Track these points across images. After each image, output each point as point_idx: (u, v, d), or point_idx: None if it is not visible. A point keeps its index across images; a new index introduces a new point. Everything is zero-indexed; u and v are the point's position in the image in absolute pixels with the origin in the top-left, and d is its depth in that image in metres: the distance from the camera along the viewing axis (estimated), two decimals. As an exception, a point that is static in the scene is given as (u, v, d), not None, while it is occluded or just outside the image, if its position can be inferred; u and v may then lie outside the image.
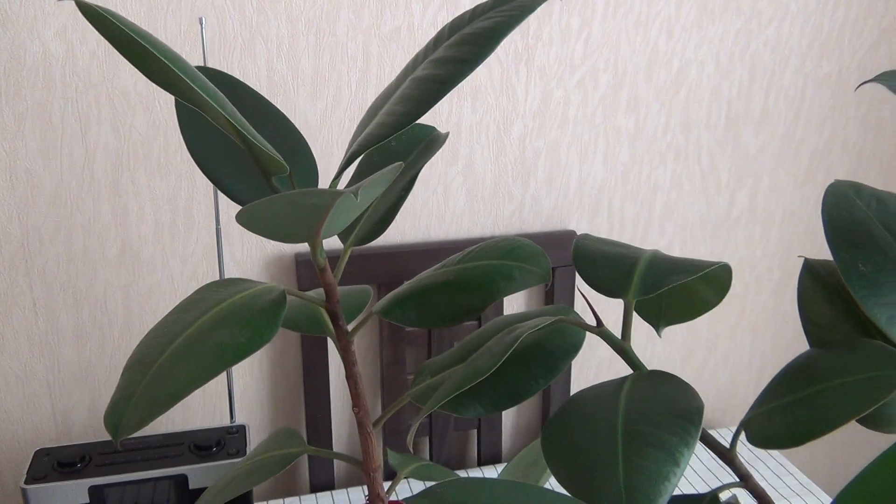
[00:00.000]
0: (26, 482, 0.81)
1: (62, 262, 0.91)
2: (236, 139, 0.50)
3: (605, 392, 0.41)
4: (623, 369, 1.16)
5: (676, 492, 1.00)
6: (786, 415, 0.40)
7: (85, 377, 0.96)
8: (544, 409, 1.12)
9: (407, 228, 1.01)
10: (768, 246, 1.16)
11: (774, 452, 1.12)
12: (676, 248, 1.12)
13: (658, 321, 0.56)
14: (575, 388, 1.15)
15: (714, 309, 1.17)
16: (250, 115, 0.59)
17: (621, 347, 0.46)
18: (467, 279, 0.54)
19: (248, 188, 0.57)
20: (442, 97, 0.51)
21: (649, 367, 1.18)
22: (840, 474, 1.37)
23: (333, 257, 0.98)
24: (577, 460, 0.37)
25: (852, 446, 1.36)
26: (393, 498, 0.95)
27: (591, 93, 1.01)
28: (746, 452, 1.11)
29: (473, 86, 0.97)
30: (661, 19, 1.00)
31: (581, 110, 1.01)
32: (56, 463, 0.83)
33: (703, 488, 1.03)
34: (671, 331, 1.17)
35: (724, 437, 1.13)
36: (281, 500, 1.00)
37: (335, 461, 1.07)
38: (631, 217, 1.08)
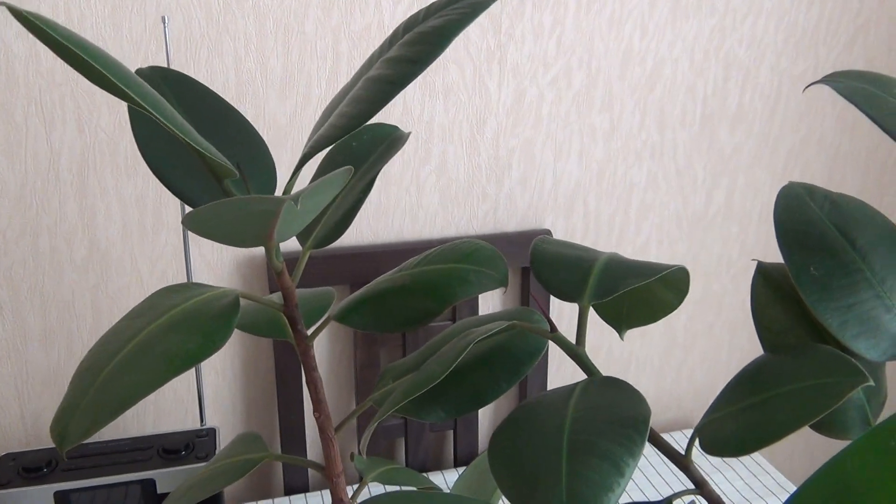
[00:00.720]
0: (-10, 488, 0.80)
1: (29, 265, 0.90)
2: (183, 143, 0.49)
3: (554, 399, 0.41)
4: (599, 368, 1.16)
5: (637, 498, 1.00)
6: (737, 421, 0.39)
7: (54, 380, 0.95)
8: (521, 410, 1.11)
9: (380, 228, 1.00)
10: (745, 244, 1.16)
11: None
12: (653, 246, 1.11)
13: (619, 324, 0.55)
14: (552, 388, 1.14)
15: (692, 308, 1.17)
16: (204, 116, 0.58)
17: (575, 353, 0.45)
18: (423, 283, 0.53)
19: (201, 191, 0.56)
20: (393, 97, 0.50)
21: (626, 368, 1.17)
22: (820, 472, 1.37)
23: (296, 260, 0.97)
24: (521, 470, 0.36)
25: (832, 445, 1.36)
26: (363, 499, 0.94)
27: (565, 91, 1.00)
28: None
29: (446, 84, 0.96)
30: (635, 17, 0.99)
31: (555, 109, 1.01)
32: (21, 468, 0.82)
33: (666, 493, 1.02)
34: (648, 331, 1.16)
35: (701, 436, 1.13)
36: (254, 503, 0.99)
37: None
38: (607, 216, 1.08)
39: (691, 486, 0.44)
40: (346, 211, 0.60)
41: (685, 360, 1.20)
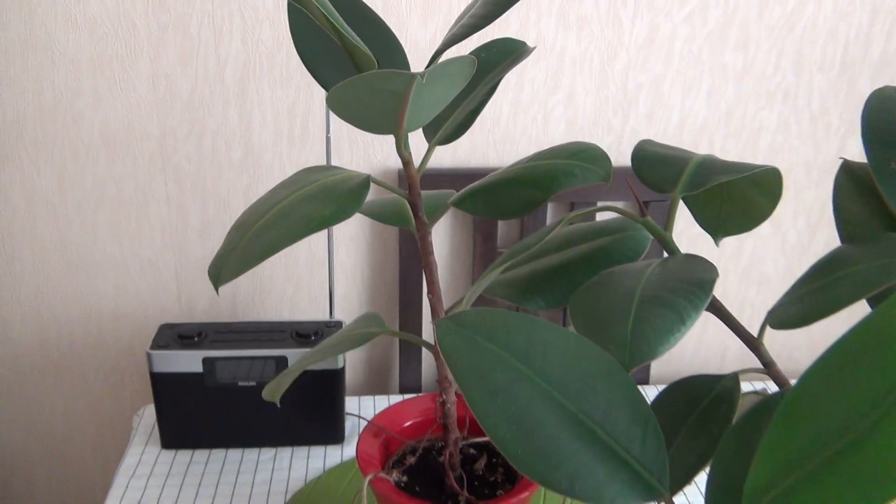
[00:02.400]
0: (151, 348, 0.93)
1: (193, 162, 1.02)
2: (332, 34, 0.56)
3: (634, 267, 0.45)
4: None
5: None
6: (803, 302, 0.43)
7: (207, 268, 1.08)
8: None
9: (506, 153, 1.05)
10: (878, 198, 1.13)
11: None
12: (778, 192, 1.10)
13: (716, 231, 0.59)
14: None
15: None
16: (351, 19, 0.65)
17: (662, 236, 0.49)
18: (531, 175, 0.58)
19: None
20: (517, -1, 0.55)
21: (756, 320, 1.18)
22: None
23: (435, 173, 1.04)
24: (595, 316, 0.41)
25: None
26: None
27: (700, 28, 1.01)
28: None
29: (579, 16, 0.99)
30: (779, -45, 0.98)
31: (687, 46, 1.02)
32: (177, 335, 0.95)
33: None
34: (777, 284, 1.16)
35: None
36: (372, 397, 1.09)
37: (422, 368, 1.15)
38: (733, 157, 1.08)
39: (760, 367, 0.47)
40: (469, 112, 0.66)
41: (803, 311, 1.19)
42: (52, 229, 1.04)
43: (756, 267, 1.15)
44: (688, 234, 1.12)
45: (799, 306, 0.43)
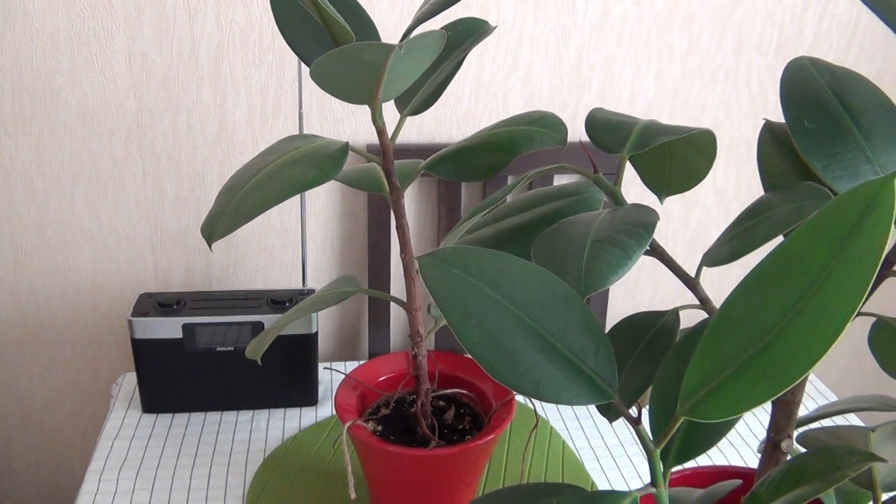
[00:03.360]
0: (132, 315, 0.97)
1: (169, 138, 1.06)
2: (312, 10, 0.62)
3: (587, 216, 0.52)
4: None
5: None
6: (731, 242, 0.50)
7: (182, 241, 1.12)
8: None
9: (468, 129, 1.11)
10: (813, 171, 1.22)
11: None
12: (721, 166, 1.18)
13: (661, 190, 0.66)
14: (615, 291, 1.24)
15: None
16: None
17: (612, 190, 0.56)
18: (495, 141, 0.65)
19: (322, 56, 0.68)
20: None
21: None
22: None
23: (403, 147, 1.09)
24: (555, 255, 0.48)
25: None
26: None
27: (648, 11, 1.08)
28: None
29: (536, -1, 1.05)
30: (720, -57, 1.06)
31: (636, 28, 1.09)
32: (157, 303, 0.99)
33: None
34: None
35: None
36: (343, 363, 1.15)
37: (391, 335, 1.21)
38: (679, 133, 1.16)
39: (697, 303, 0.54)
40: (437, 85, 0.72)
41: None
42: (30, 204, 1.07)
43: (701, 236, 1.23)
44: (639, 205, 1.19)
45: (728, 246, 0.50)
